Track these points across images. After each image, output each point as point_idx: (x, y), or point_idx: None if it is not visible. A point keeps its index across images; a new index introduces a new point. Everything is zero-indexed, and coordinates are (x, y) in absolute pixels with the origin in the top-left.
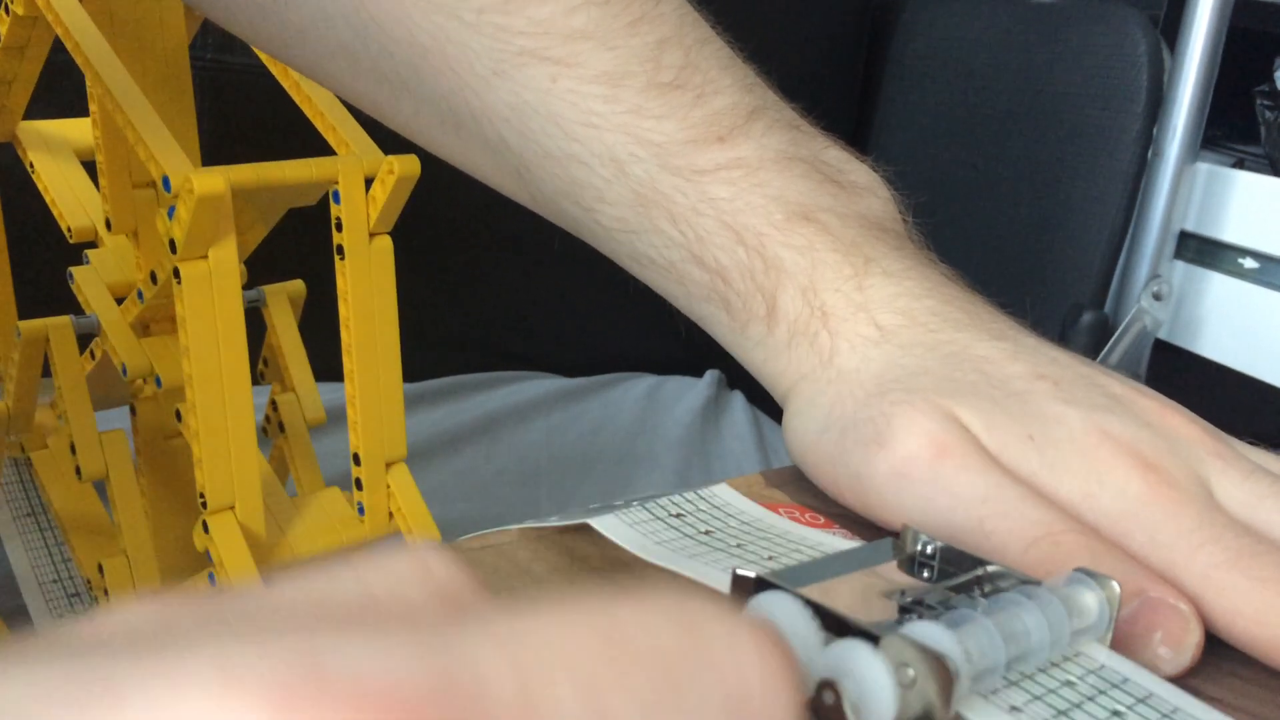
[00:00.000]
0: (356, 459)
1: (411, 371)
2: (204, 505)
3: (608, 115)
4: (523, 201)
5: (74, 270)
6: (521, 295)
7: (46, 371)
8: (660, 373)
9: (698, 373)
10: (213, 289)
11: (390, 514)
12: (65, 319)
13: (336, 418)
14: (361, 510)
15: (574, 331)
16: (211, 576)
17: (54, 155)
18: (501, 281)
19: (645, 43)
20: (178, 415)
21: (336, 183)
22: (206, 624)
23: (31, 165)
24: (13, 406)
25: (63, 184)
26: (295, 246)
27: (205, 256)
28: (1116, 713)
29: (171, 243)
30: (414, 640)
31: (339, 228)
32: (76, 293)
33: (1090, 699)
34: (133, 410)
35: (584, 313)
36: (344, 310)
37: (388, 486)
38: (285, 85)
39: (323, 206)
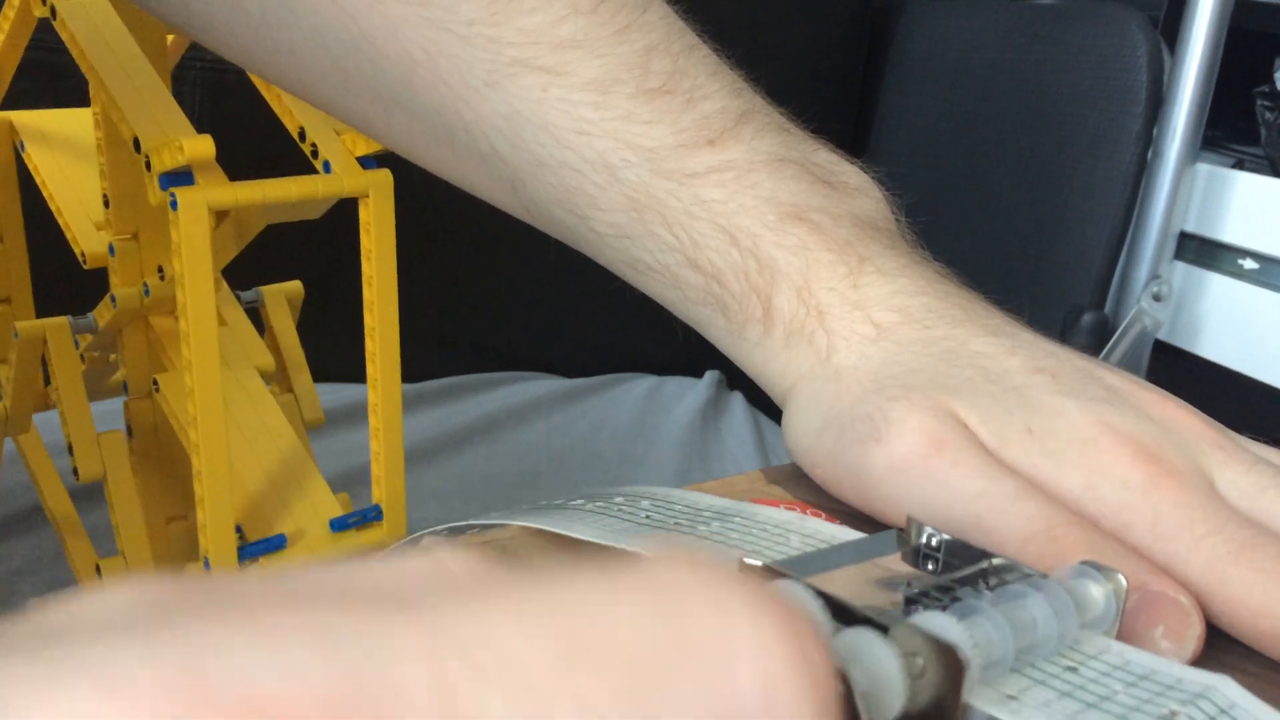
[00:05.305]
0: (302, 134)
1: (411, 371)
2: (147, 166)
3: (598, 122)
4: (516, 213)
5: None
6: (521, 295)
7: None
8: (660, 373)
9: (697, 373)
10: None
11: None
12: (62, 320)
13: (335, 418)
14: (328, 166)
15: (574, 332)
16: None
17: (55, 152)
18: (502, 282)
19: (633, 50)
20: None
21: None
22: (160, 617)
23: (37, 170)
24: (11, 407)
25: (70, 193)
26: (294, 247)
27: None
28: (1148, 700)
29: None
30: (327, 638)
31: None
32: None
33: (1120, 692)
34: (129, 430)
35: (584, 313)
36: None
37: (338, 135)
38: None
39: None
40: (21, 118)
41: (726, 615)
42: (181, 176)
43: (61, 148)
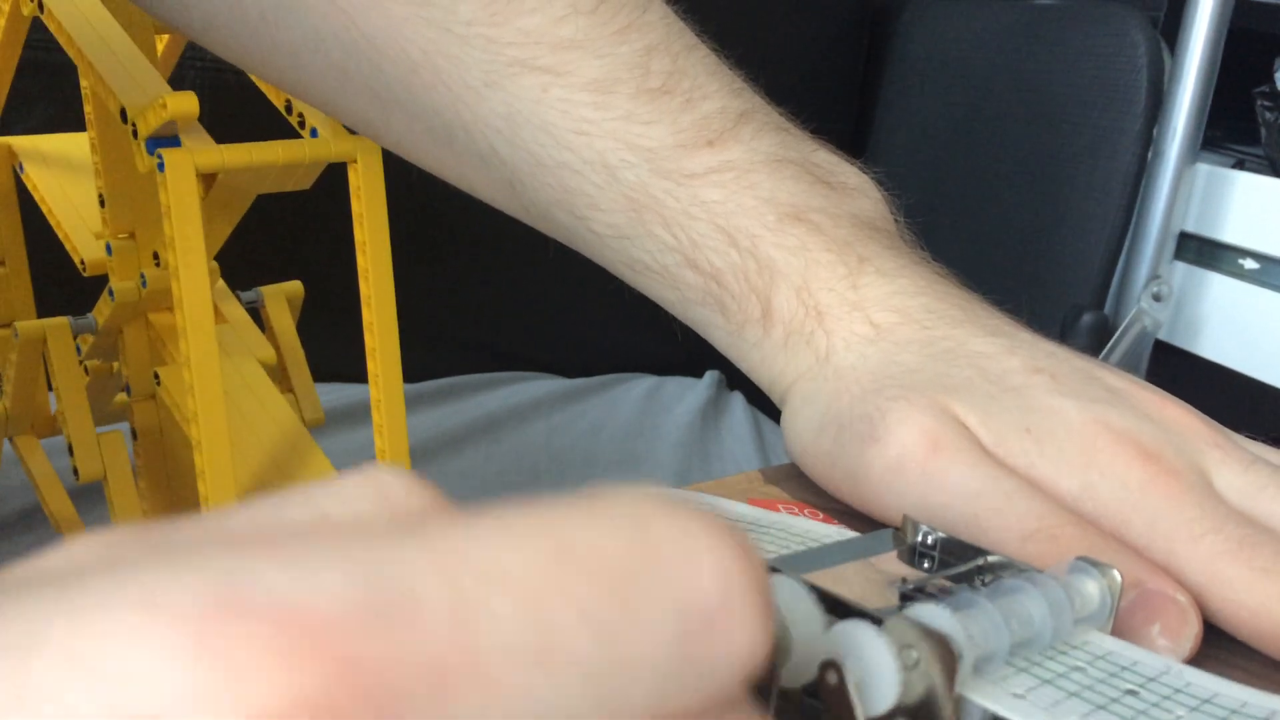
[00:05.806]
0: (289, 106)
1: (411, 371)
2: (134, 134)
3: (598, 122)
4: (515, 214)
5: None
6: (521, 295)
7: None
8: (660, 373)
9: (697, 373)
10: (85, 15)
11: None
12: (63, 320)
13: (336, 418)
14: (315, 133)
15: (574, 331)
16: None
17: (53, 170)
18: (501, 281)
19: (633, 50)
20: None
21: None
22: (145, 555)
23: (35, 187)
24: (11, 407)
25: (68, 206)
26: (294, 247)
27: None
28: (1130, 692)
29: None
30: (342, 557)
31: None
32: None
33: (1101, 682)
34: (134, 434)
35: (584, 313)
36: None
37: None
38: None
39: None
40: (20, 142)
41: (687, 531)
42: (168, 142)
43: (59, 166)
